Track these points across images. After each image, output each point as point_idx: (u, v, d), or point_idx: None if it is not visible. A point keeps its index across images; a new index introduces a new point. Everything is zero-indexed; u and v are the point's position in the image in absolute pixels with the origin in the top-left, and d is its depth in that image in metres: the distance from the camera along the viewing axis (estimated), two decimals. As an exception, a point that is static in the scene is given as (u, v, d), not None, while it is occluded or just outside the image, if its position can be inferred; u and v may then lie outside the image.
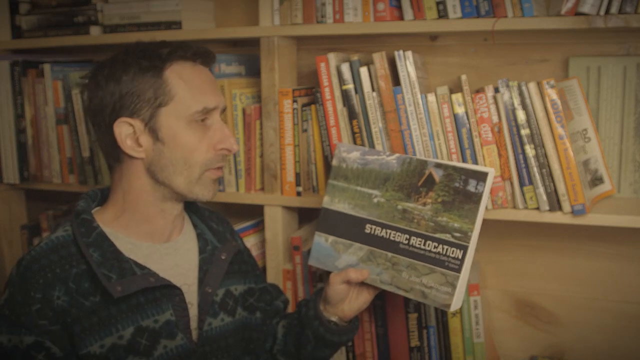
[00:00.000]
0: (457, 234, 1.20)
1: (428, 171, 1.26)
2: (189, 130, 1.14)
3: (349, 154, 1.36)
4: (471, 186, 1.21)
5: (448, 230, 1.21)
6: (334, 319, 1.30)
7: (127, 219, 1.17)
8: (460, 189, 1.21)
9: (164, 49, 1.15)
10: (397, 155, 1.31)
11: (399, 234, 1.26)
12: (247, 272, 1.34)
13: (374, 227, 1.29)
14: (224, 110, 1.22)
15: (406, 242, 1.25)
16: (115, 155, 1.16)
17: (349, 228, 1.32)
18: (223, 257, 1.25)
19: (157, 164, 1.14)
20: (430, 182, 1.25)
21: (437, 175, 1.25)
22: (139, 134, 1.13)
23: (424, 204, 1.24)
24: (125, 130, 1.13)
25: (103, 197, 1.23)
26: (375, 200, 1.30)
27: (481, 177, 1.20)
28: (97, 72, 1.16)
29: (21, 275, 1.09)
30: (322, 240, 1.35)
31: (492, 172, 1.21)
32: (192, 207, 1.32)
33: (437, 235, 1.22)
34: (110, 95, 1.13)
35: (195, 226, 1.29)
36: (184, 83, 1.14)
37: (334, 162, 1.39)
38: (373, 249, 1.28)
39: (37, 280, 1.07)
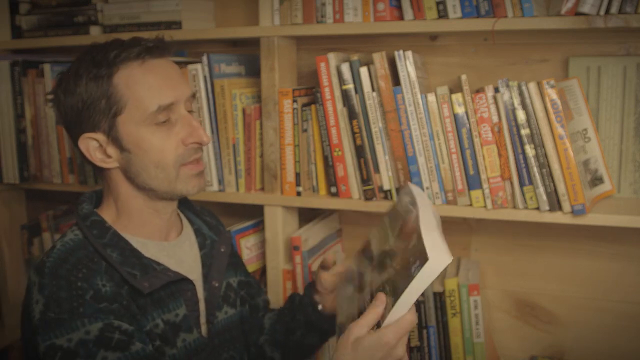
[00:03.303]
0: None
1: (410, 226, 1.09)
2: (150, 133, 1.10)
3: (404, 196, 1.24)
4: (412, 267, 0.97)
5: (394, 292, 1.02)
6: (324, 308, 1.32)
7: (125, 222, 1.17)
8: (407, 265, 1.00)
9: (111, 53, 1.09)
10: (420, 209, 1.10)
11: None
12: (238, 265, 1.36)
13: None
14: (193, 97, 1.17)
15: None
16: (94, 165, 1.15)
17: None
18: (223, 250, 1.27)
19: (131, 172, 1.13)
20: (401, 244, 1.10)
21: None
22: (104, 145, 1.11)
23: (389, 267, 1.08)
24: (91, 145, 1.12)
25: (98, 199, 1.22)
26: (387, 246, 1.18)
27: (423, 259, 0.95)
28: (57, 86, 1.13)
29: (54, 276, 1.04)
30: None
31: (436, 261, 0.93)
32: (185, 203, 1.32)
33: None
34: (70, 111, 1.11)
35: (191, 222, 1.30)
36: (134, 86, 1.09)
37: (395, 199, 1.35)
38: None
39: (77, 275, 1.04)
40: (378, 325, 1.00)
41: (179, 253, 1.21)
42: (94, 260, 1.07)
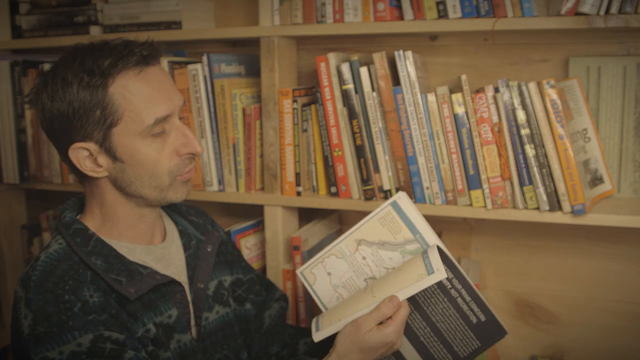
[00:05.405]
0: None
1: None
2: (146, 145, 1.09)
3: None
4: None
5: None
6: None
7: (110, 227, 1.15)
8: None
9: (105, 60, 1.05)
10: None
11: None
12: (233, 263, 1.34)
13: None
14: (183, 105, 1.16)
15: None
16: (80, 173, 1.12)
17: None
18: (209, 250, 1.26)
19: (122, 181, 1.11)
20: None
21: None
22: (95, 155, 1.09)
23: None
24: (81, 154, 1.09)
25: (82, 205, 1.20)
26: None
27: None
28: (40, 89, 1.08)
29: (40, 290, 1.03)
30: None
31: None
32: (170, 204, 1.29)
33: None
34: (57, 117, 1.07)
35: (176, 223, 1.29)
36: (131, 98, 1.06)
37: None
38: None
39: (63, 287, 1.03)
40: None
41: (167, 256, 1.21)
42: (79, 271, 1.06)
